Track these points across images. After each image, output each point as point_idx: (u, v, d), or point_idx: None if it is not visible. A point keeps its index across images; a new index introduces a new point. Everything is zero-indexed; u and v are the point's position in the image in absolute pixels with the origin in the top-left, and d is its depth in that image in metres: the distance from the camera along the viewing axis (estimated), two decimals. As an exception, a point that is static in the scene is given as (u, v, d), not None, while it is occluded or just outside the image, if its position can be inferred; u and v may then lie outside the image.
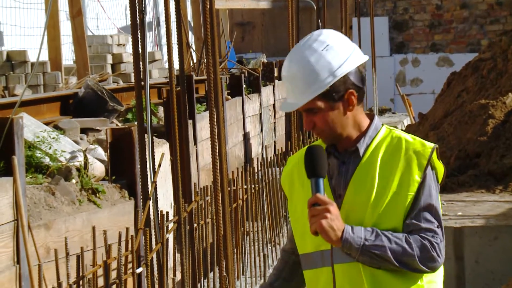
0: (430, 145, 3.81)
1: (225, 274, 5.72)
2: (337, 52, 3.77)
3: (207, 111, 6.24)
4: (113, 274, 4.81)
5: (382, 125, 3.87)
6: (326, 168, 3.71)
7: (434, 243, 3.73)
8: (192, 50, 17.11)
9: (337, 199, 3.77)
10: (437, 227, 3.75)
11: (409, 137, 3.83)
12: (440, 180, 3.87)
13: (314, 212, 3.63)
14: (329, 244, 3.73)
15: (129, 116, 10.97)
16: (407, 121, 20.25)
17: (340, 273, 3.77)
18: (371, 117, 3.88)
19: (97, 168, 8.18)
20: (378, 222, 3.72)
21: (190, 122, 7.43)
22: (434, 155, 3.80)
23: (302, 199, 3.79)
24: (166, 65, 9.18)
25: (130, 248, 4.87)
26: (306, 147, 3.79)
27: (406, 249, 3.67)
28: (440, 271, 3.87)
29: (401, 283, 3.73)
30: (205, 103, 11.92)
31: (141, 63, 5.88)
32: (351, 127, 3.81)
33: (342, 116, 3.79)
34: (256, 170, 8.72)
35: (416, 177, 3.74)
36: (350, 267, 3.75)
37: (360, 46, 15.95)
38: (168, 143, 7.22)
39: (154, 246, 5.48)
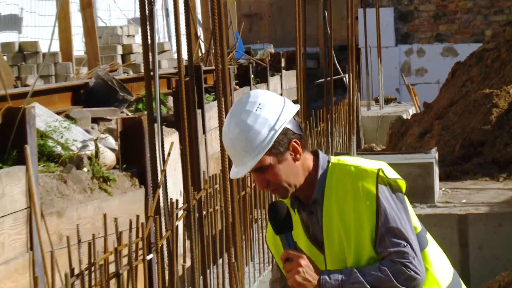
0: (373, 168, 3.78)
1: (234, 260, 5.76)
2: (271, 108, 3.74)
3: (216, 101, 6.25)
4: (124, 261, 4.85)
5: (329, 162, 3.84)
6: (291, 221, 3.75)
7: (407, 263, 3.70)
8: (200, 41, 17.11)
9: (320, 246, 3.82)
10: (405, 247, 3.71)
11: (352, 167, 3.81)
12: (403, 190, 3.82)
13: (287, 267, 3.70)
14: None
15: (139, 105, 10.99)
16: (412, 111, 20.19)
17: None
18: (315, 156, 3.86)
19: (108, 157, 8.22)
20: (359, 257, 3.76)
21: (199, 111, 7.46)
22: (382, 175, 3.77)
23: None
24: (175, 56, 9.19)
25: (140, 235, 4.92)
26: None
27: (382, 277, 3.69)
28: (437, 276, 3.87)
29: None
30: (213, 93, 11.91)
31: (150, 53, 5.90)
32: (302, 174, 3.81)
33: (292, 166, 3.78)
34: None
35: (369, 205, 3.73)
36: None
37: (365, 37, 15.96)
38: (177, 132, 7.27)
39: (164, 233, 5.51)
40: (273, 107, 3.78)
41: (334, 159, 3.87)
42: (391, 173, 3.81)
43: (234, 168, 3.79)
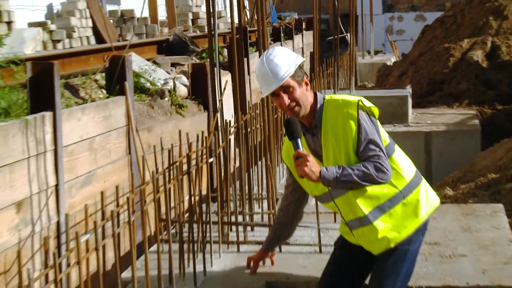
0: (355, 100, 3.82)
1: (269, 162, 5.77)
2: (289, 53, 3.89)
3: (257, 52, 6.21)
4: (193, 163, 4.87)
5: (324, 98, 3.90)
6: (301, 132, 3.79)
7: (381, 162, 3.75)
8: (246, 10, 17.02)
9: (320, 158, 3.86)
10: (379, 152, 3.77)
11: (340, 99, 3.86)
12: (376, 115, 3.87)
13: (297, 163, 3.72)
14: (327, 188, 3.86)
15: (203, 55, 10.97)
16: (393, 59, 20.06)
17: (339, 203, 3.91)
18: (315, 94, 3.90)
19: (182, 90, 8.23)
20: (347, 162, 3.79)
21: (245, 59, 7.40)
22: (361, 104, 3.82)
23: None
24: (229, 20, 9.14)
25: (204, 145, 4.93)
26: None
27: (365, 171, 3.74)
28: (403, 174, 3.89)
29: (376, 189, 3.81)
30: (255, 46, 11.89)
31: (211, 18, 5.87)
32: (308, 102, 3.85)
33: (305, 93, 3.84)
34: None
35: (353, 125, 3.78)
36: (343, 197, 3.87)
37: (362, 7, 15.65)
38: (230, 74, 7.22)
39: (220, 143, 5.52)
40: (291, 52, 3.90)
41: (327, 96, 3.93)
42: (368, 103, 3.86)
43: (263, 92, 3.85)
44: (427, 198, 3.94)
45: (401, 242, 3.85)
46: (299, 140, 3.74)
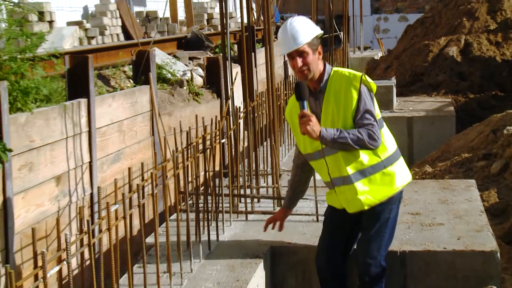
0: (358, 73, 3.78)
1: (273, 143, 5.72)
2: (310, 23, 3.83)
3: (263, 47, 6.14)
4: (208, 143, 4.82)
5: (332, 69, 3.84)
6: (308, 94, 3.74)
7: (374, 131, 3.70)
8: (253, 11, 16.88)
9: (318, 119, 3.79)
10: (374, 121, 3.72)
11: (346, 72, 3.81)
12: (374, 91, 3.81)
13: (302, 121, 3.67)
14: (320, 146, 3.79)
15: (217, 50, 10.87)
16: (380, 54, 19.93)
17: (329, 160, 3.85)
18: (324, 64, 3.85)
19: (198, 80, 8.15)
20: (343, 124, 3.73)
21: (252, 54, 7.32)
22: (364, 78, 3.76)
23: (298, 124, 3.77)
24: (239, 20, 9.07)
25: (217, 127, 4.87)
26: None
27: (359, 136, 3.68)
28: (387, 147, 3.82)
29: (363, 154, 3.76)
30: (261, 43, 11.78)
31: (224, 18, 5.81)
32: (318, 69, 3.79)
33: (316, 60, 3.78)
34: (291, 82, 8.64)
35: (354, 95, 3.72)
36: (333, 156, 3.81)
37: (353, 9, 15.48)
38: (239, 66, 7.15)
39: (231, 126, 5.47)
40: (311, 23, 3.83)
41: (335, 68, 3.86)
42: (369, 79, 3.81)
43: (283, 50, 3.79)
44: (402, 172, 3.87)
45: (377, 207, 3.79)
46: (305, 102, 3.69)
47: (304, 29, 3.74)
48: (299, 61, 3.73)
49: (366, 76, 3.78)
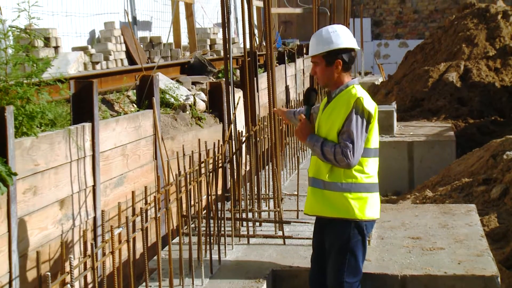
0: (358, 95, 3.82)
1: (275, 167, 5.73)
2: (338, 36, 3.87)
3: (265, 72, 6.18)
4: (210, 167, 4.82)
5: (352, 85, 3.90)
6: (314, 102, 4.01)
7: (346, 152, 3.75)
8: (256, 37, 17.00)
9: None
10: (350, 143, 3.76)
11: (354, 91, 3.87)
12: (366, 116, 3.80)
13: (298, 124, 4.00)
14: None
15: (220, 75, 10.92)
16: (381, 79, 20.02)
17: (313, 159, 4.01)
18: (351, 78, 3.95)
19: (201, 105, 8.18)
20: (325, 134, 3.88)
21: (255, 79, 7.36)
22: (359, 101, 3.80)
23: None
24: (242, 45, 9.12)
25: (220, 152, 4.88)
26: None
27: (330, 151, 3.79)
28: (362, 176, 3.82)
29: (339, 169, 3.81)
30: (263, 68, 11.84)
31: (227, 44, 5.84)
32: (331, 80, 3.91)
33: (331, 73, 3.89)
34: (293, 106, 8.68)
35: (344, 114, 3.81)
36: (315, 157, 3.94)
37: (354, 35, 15.84)
38: (242, 91, 7.19)
39: (233, 150, 5.48)
40: (341, 36, 3.90)
41: (356, 86, 3.92)
42: (368, 104, 3.82)
43: (309, 53, 4.02)
44: (365, 206, 3.81)
45: (335, 227, 3.80)
46: (308, 108, 3.97)
47: (325, 41, 3.87)
48: (312, 68, 3.99)
49: (364, 100, 3.79)
